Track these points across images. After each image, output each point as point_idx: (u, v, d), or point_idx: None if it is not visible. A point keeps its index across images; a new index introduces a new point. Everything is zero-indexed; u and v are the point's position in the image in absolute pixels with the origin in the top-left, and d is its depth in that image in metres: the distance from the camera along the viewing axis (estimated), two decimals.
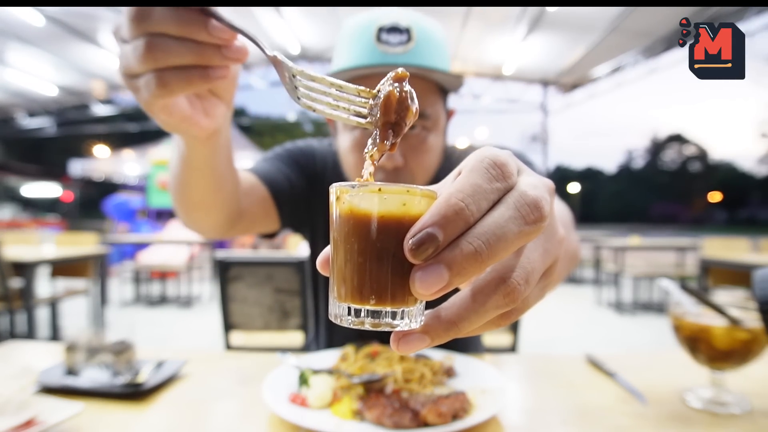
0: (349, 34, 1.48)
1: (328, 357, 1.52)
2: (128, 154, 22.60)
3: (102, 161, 22.34)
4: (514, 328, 3.50)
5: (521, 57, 16.77)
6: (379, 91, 0.62)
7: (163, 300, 9.97)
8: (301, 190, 1.67)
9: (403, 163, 1.40)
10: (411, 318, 0.52)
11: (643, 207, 78.63)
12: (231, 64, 0.79)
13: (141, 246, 12.17)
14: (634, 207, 79.67)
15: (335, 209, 0.54)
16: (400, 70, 0.61)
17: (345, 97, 0.65)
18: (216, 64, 0.78)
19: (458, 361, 1.53)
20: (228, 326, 3.45)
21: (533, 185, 0.52)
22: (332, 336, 1.87)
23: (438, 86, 1.50)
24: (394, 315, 0.51)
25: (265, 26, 16.38)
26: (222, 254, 3.52)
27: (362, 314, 0.52)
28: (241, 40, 0.78)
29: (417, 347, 0.51)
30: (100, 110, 22.27)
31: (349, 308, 0.52)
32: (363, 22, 1.45)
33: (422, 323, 0.52)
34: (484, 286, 0.51)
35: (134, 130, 31.22)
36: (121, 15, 0.76)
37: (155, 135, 28.54)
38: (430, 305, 0.54)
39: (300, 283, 3.43)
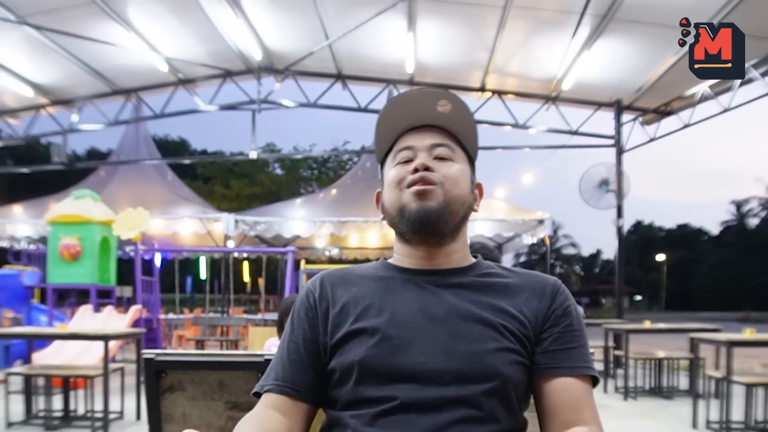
0: None
1: None
2: (17, 209, 22.68)
3: None
4: None
5: (584, 70, 16.89)
6: None
7: (68, 419, 9.78)
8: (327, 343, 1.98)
9: (433, 170, 1.93)
10: None
11: (760, 285, 77.49)
12: None
13: (37, 342, 12.13)
14: (748, 285, 78.56)
15: None
16: None
17: None
18: None
19: None
20: None
21: None
22: None
23: (462, 146, 2.06)
24: None
25: (218, 25, 16.69)
26: (153, 353, 3.45)
27: None
28: None
29: None
30: None
31: None
32: None
33: None
34: None
35: (26, 175, 31.16)
36: None
37: (56, 182, 28.64)
38: None
39: None
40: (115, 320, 13.78)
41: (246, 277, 27.61)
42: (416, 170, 1.89)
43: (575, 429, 1.41)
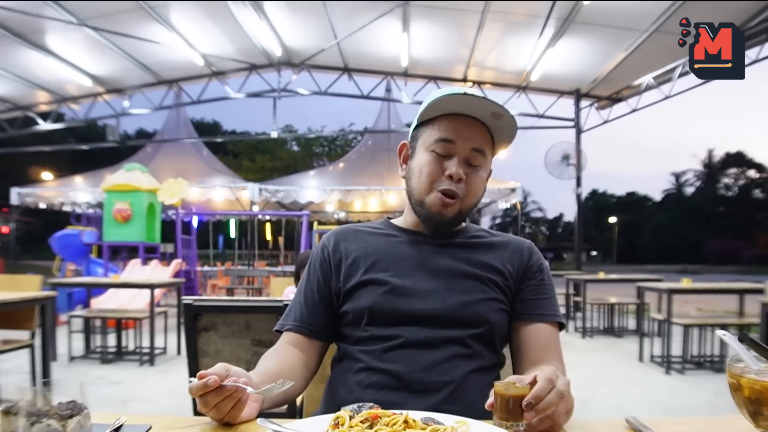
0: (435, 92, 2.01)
1: (319, 423, 1.49)
2: (78, 179, 22.66)
3: (47, 188, 22.36)
4: None
5: (549, 64, 16.89)
6: None
7: (120, 354, 9.82)
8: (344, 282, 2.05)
9: (465, 180, 1.93)
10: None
11: (695, 242, 77.92)
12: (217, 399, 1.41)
13: (94, 290, 12.14)
14: (685, 242, 79.00)
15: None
16: None
17: None
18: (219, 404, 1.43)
19: (474, 427, 1.48)
20: None
21: (563, 384, 1.38)
22: (329, 397, 1.95)
23: (493, 142, 2.04)
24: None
25: (245, 26, 16.60)
26: (191, 299, 3.48)
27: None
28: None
29: None
30: (45, 127, 22.20)
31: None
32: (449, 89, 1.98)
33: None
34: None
35: (86, 151, 30.97)
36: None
37: (111, 157, 28.56)
38: None
39: None
40: (159, 272, 13.80)
41: (268, 236, 27.62)
42: (450, 177, 1.90)
43: (545, 367, 1.43)
